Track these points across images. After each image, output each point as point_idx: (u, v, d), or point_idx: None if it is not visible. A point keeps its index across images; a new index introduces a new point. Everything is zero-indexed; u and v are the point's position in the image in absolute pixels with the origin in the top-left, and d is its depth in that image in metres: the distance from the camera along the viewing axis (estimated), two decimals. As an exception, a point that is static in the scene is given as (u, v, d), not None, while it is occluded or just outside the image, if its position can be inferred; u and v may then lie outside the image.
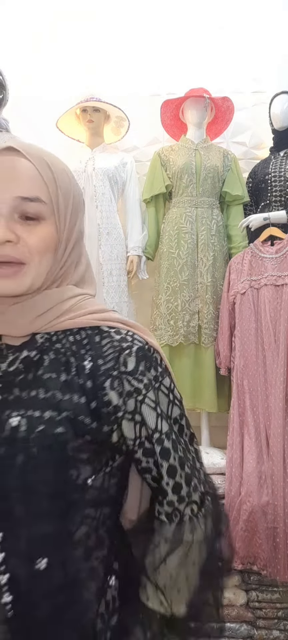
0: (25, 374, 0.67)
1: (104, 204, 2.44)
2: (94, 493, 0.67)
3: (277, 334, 2.16)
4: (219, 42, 2.71)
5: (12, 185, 0.65)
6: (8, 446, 0.63)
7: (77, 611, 0.65)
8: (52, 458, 0.63)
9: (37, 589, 0.63)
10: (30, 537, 0.63)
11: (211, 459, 2.19)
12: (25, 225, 0.66)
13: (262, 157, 2.63)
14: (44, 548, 0.64)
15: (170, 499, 0.68)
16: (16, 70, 2.60)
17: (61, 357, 0.68)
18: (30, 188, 0.65)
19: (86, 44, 2.73)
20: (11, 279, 0.65)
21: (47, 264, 0.68)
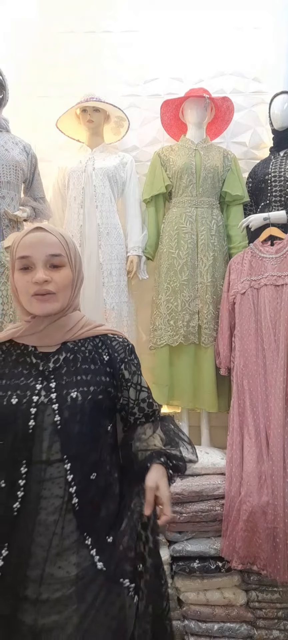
0: (68, 367, 1.10)
1: (103, 204, 2.44)
2: (110, 434, 1.17)
3: (277, 334, 2.16)
4: (219, 42, 2.71)
5: (44, 248, 1.08)
6: (70, 411, 1.05)
7: (111, 498, 1.14)
8: (97, 414, 1.09)
9: (91, 491, 1.07)
10: (86, 462, 1.07)
11: (211, 459, 2.19)
12: (53, 271, 1.09)
13: (262, 157, 2.64)
14: (93, 467, 1.08)
15: (146, 412, 1.24)
16: (16, 70, 2.60)
17: (88, 355, 1.14)
18: (55, 249, 1.09)
19: (87, 42, 2.73)
20: (49, 302, 1.08)
21: (68, 293, 1.12)
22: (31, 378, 1.07)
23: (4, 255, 2.12)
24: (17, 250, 1.09)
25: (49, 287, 1.06)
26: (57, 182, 2.56)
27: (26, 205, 2.41)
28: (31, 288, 1.06)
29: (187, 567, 2.04)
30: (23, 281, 1.07)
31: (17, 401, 1.03)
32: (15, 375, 1.07)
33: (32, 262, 1.07)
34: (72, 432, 1.04)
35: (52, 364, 1.09)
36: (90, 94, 2.52)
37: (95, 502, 1.08)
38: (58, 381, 1.07)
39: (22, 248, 1.08)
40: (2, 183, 2.29)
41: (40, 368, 1.08)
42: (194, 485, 2.06)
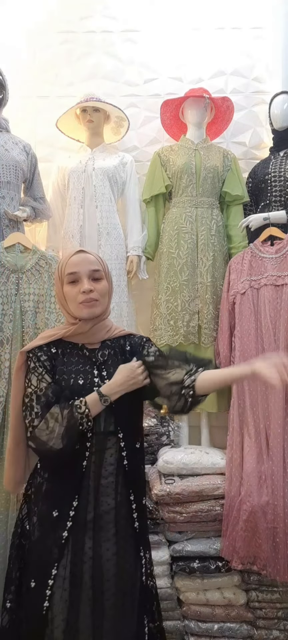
0: (112, 360, 1.41)
1: (103, 204, 2.44)
2: (141, 412, 1.51)
3: (276, 334, 2.16)
4: (219, 42, 2.71)
5: (88, 265, 1.39)
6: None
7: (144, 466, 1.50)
8: (136, 394, 1.39)
9: (136, 456, 1.40)
10: (132, 433, 1.40)
11: (211, 459, 2.18)
12: (95, 283, 1.38)
13: (261, 157, 2.64)
14: (137, 437, 1.42)
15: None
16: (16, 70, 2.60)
17: (121, 350, 1.45)
18: (95, 265, 1.40)
19: (86, 42, 2.73)
20: (94, 307, 1.37)
21: (107, 300, 1.42)
22: (88, 366, 1.37)
23: (4, 255, 2.12)
24: (66, 268, 1.38)
25: (93, 295, 1.35)
26: (57, 182, 2.56)
27: (26, 205, 2.41)
28: (79, 297, 1.35)
29: (187, 567, 2.04)
30: (73, 292, 1.36)
31: (83, 382, 1.34)
32: (75, 363, 1.37)
33: (78, 277, 1.37)
34: (123, 409, 1.35)
35: (100, 357, 1.39)
36: (90, 94, 2.52)
37: (138, 466, 1.41)
38: (108, 370, 1.38)
39: (70, 266, 1.38)
40: (2, 183, 2.29)
41: (92, 360, 1.39)
42: (194, 485, 2.06)
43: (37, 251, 2.18)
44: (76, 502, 1.29)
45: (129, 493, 1.36)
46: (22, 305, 2.09)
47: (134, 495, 1.37)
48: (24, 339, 2.06)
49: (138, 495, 1.39)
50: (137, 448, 1.40)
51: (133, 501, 1.37)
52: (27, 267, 2.12)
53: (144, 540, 1.42)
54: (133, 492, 1.37)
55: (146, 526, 1.47)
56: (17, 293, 2.10)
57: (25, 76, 2.69)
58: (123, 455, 1.34)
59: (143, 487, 1.47)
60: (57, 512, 1.29)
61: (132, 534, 1.36)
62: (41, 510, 1.33)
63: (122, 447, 1.34)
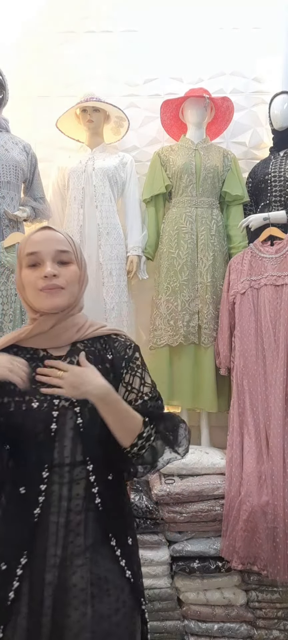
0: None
1: (103, 204, 2.44)
2: None
3: (276, 334, 2.16)
4: (219, 42, 2.71)
5: (53, 244, 1.08)
6: (91, 413, 1.04)
7: (125, 498, 1.17)
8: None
9: (110, 490, 1.09)
10: (105, 463, 1.08)
11: (211, 459, 2.18)
12: (61, 267, 1.08)
13: (261, 157, 2.63)
14: (110, 468, 1.09)
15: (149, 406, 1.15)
16: (16, 70, 2.60)
17: (98, 355, 1.12)
18: (62, 245, 1.09)
19: (86, 42, 2.72)
20: (57, 297, 1.05)
21: (75, 289, 1.10)
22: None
23: (4, 255, 2.12)
24: (25, 247, 1.09)
25: (57, 281, 1.05)
26: (56, 182, 2.56)
27: (26, 205, 2.41)
28: (40, 283, 1.04)
29: (187, 567, 2.04)
30: (32, 277, 1.06)
31: (38, 405, 1.03)
32: (31, 381, 1.04)
33: (40, 258, 1.06)
34: (94, 434, 1.05)
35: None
36: (90, 94, 2.52)
37: (115, 502, 1.10)
38: None
39: (30, 245, 1.08)
40: (2, 183, 2.29)
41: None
42: (194, 485, 2.06)
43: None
44: (25, 558, 1.00)
45: (108, 538, 1.06)
46: (22, 305, 2.09)
47: (115, 540, 1.06)
48: (24, 339, 2.05)
49: (121, 537, 1.09)
50: (110, 481, 1.09)
51: (116, 547, 1.06)
52: (27, 267, 2.12)
53: (140, 589, 1.12)
54: (114, 536, 1.06)
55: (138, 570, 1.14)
56: (17, 293, 2.10)
57: (25, 76, 2.68)
58: (94, 492, 1.05)
59: (129, 522, 1.15)
60: (4, 564, 1.01)
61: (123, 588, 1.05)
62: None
63: (91, 482, 1.05)
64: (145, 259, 2.55)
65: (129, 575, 1.06)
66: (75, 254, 1.12)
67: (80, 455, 1.04)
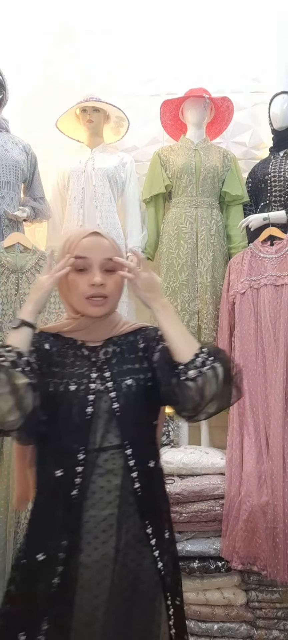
0: (117, 358, 1.14)
1: (103, 204, 2.44)
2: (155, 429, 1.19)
3: (276, 334, 2.16)
4: (219, 42, 2.71)
5: (101, 252, 1.11)
6: (126, 398, 1.08)
7: (164, 491, 1.18)
8: (149, 402, 1.12)
9: (151, 478, 1.10)
10: (144, 449, 1.10)
11: (211, 459, 2.18)
12: (107, 275, 1.11)
13: (261, 157, 2.63)
14: (151, 455, 1.12)
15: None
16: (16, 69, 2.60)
17: (131, 347, 1.17)
18: (110, 253, 1.12)
19: (86, 42, 2.73)
20: (102, 307, 1.11)
21: (117, 297, 1.17)
22: (85, 368, 1.10)
23: (4, 255, 2.12)
24: (75, 250, 1.11)
25: (103, 290, 1.09)
26: (56, 183, 2.56)
27: (26, 205, 2.41)
28: (87, 290, 1.09)
29: (187, 567, 2.04)
30: (79, 282, 1.09)
31: (76, 388, 1.06)
32: (69, 364, 1.10)
33: (89, 264, 1.10)
34: (131, 418, 1.07)
35: (102, 355, 1.13)
36: (89, 94, 2.52)
37: (154, 490, 1.11)
38: (111, 370, 1.11)
39: (80, 249, 1.11)
40: (1, 183, 2.29)
41: (92, 359, 1.11)
42: (194, 485, 2.06)
43: (37, 251, 2.18)
44: (65, 542, 1.00)
45: (145, 526, 1.05)
46: (21, 305, 2.09)
47: (151, 528, 1.06)
48: (24, 339, 2.05)
49: (158, 527, 1.08)
50: (151, 468, 1.10)
51: (151, 536, 1.06)
52: (26, 267, 2.12)
53: (172, 585, 1.10)
54: (150, 524, 1.06)
55: (175, 566, 1.14)
56: (16, 293, 2.10)
57: (25, 76, 2.68)
58: (133, 477, 1.05)
59: (166, 517, 1.15)
60: (43, 554, 1.01)
61: (153, 576, 1.05)
62: (27, 549, 1.07)
63: (131, 467, 1.05)
64: (145, 259, 2.55)
65: (161, 567, 1.06)
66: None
67: (118, 439, 1.05)
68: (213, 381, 0.99)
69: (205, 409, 1.02)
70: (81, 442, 1.03)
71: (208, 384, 0.99)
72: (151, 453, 1.12)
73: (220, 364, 1.01)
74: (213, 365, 1.00)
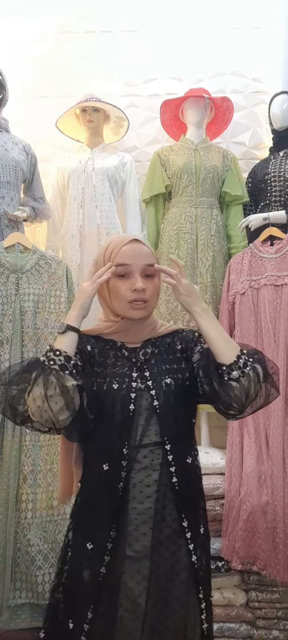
0: (156, 359, 1.19)
1: (103, 204, 2.44)
2: (193, 428, 1.24)
3: (276, 334, 2.16)
4: (219, 42, 2.71)
5: (142, 259, 1.18)
6: (166, 396, 1.13)
7: (201, 487, 1.23)
8: (188, 400, 1.17)
9: (189, 473, 1.15)
10: (182, 445, 1.15)
11: (211, 459, 2.18)
12: (147, 280, 1.18)
13: (261, 157, 2.64)
14: (188, 451, 1.17)
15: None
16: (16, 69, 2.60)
17: (168, 348, 1.22)
18: (149, 259, 1.19)
19: (86, 43, 2.72)
20: (143, 310, 1.17)
21: (156, 301, 1.22)
22: (126, 368, 1.16)
23: (4, 255, 2.12)
24: (116, 257, 1.17)
25: (144, 295, 1.15)
26: (56, 183, 2.57)
27: (26, 205, 2.41)
28: (129, 295, 1.15)
29: (187, 567, 2.04)
30: (121, 288, 1.16)
31: (118, 386, 1.12)
32: (110, 365, 1.16)
33: (130, 271, 1.16)
34: (170, 415, 1.13)
35: (141, 356, 1.18)
36: (89, 94, 2.52)
37: (191, 486, 1.16)
38: (151, 370, 1.16)
39: (121, 257, 1.17)
40: (1, 183, 2.29)
41: (132, 360, 1.17)
42: (194, 485, 2.06)
43: (37, 251, 2.18)
44: (114, 532, 1.07)
45: (181, 519, 1.10)
46: (21, 305, 2.09)
47: (187, 522, 1.11)
48: (24, 339, 2.05)
49: (193, 521, 1.13)
50: (188, 464, 1.15)
51: (187, 529, 1.10)
52: (26, 267, 2.12)
53: (204, 579, 1.14)
54: (186, 518, 1.11)
55: (207, 562, 1.18)
56: (16, 293, 2.09)
57: (25, 76, 2.68)
58: (171, 472, 1.10)
59: (201, 513, 1.19)
60: (91, 544, 1.09)
61: (187, 568, 1.10)
62: (75, 540, 1.15)
63: (169, 462, 1.10)
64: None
65: (195, 560, 1.10)
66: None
67: (158, 435, 1.11)
68: (256, 380, 1.09)
69: (248, 408, 1.11)
70: (125, 438, 1.10)
71: (251, 384, 1.08)
72: (189, 449, 1.17)
73: (259, 365, 1.11)
74: (254, 366, 1.10)
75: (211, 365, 1.12)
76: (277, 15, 2.69)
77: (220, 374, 1.10)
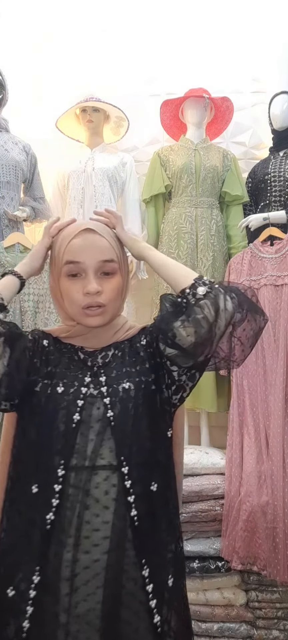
0: (117, 362, 0.99)
1: (103, 204, 2.43)
2: (169, 443, 1.01)
3: (276, 334, 2.16)
4: (219, 42, 2.71)
5: (96, 254, 0.97)
6: (123, 404, 0.92)
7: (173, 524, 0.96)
8: (153, 410, 0.95)
9: (152, 504, 0.90)
10: (145, 467, 0.90)
11: (211, 459, 2.18)
12: (104, 279, 0.97)
13: (261, 157, 2.63)
14: (153, 475, 0.92)
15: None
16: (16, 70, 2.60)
17: (131, 348, 1.02)
18: (107, 254, 0.98)
19: (86, 43, 2.73)
20: (100, 317, 0.97)
21: (118, 304, 1.02)
22: (78, 371, 0.97)
23: (4, 255, 2.12)
24: (64, 254, 0.97)
25: (100, 298, 0.95)
26: (56, 183, 2.57)
27: (26, 205, 2.41)
28: (81, 299, 0.95)
29: (187, 567, 2.04)
30: (72, 290, 0.96)
31: (63, 390, 0.92)
32: (62, 365, 0.97)
33: (82, 269, 0.96)
34: (129, 429, 0.90)
35: (100, 359, 1.00)
36: (89, 94, 2.52)
37: (157, 520, 0.90)
38: (108, 374, 0.96)
39: (71, 252, 0.97)
40: (1, 183, 2.29)
41: (88, 363, 0.99)
42: (194, 485, 2.06)
43: (37, 251, 2.18)
44: (38, 576, 0.82)
45: (141, 565, 0.84)
46: (21, 305, 2.09)
47: (149, 570, 0.84)
48: (24, 339, 2.05)
49: (157, 569, 0.86)
50: (153, 492, 0.90)
51: (148, 580, 0.84)
52: (26, 267, 2.12)
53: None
54: (147, 564, 0.84)
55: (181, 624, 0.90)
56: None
57: (25, 76, 2.68)
58: (129, 502, 0.86)
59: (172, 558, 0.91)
60: (12, 589, 0.84)
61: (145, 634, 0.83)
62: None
63: (127, 489, 0.86)
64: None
65: (157, 622, 0.83)
66: (120, 262, 1.01)
67: (112, 454, 0.88)
68: (228, 297, 0.89)
69: (224, 328, 0.89)
70: (63, 455, 0.87)
71: (220, 295, 0.89)
72: (155, 472, 0.92)
73: (225, 286, 0.92)
74: (221, 285, 0.92)
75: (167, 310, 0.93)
76: (277, 15, 2.69)
77: (183, 303, 0.91)
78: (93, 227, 0.99)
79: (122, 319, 1.07)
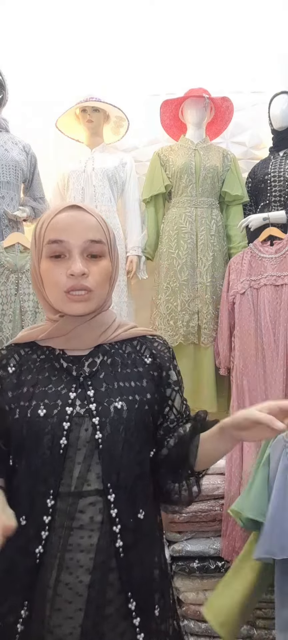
0: (107, 372, 0.88)
1: (103, 204, 2.44)
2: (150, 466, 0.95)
3: (276, 334, 2.16)
4: (219, 42, 2.71)
5: (83, 232, 0.86)
6: (114, 426, 0.84)
7: (160, 552, 0.93)
8: (144, 432, 0.88)
9: (140, 534, 0.85)
10: (133, 495, 0.85)
11: (211, 459, 2.18)
12: (91, 262, 0.87)
13: (261, 157, 2.63)
14: (141, 503, 0.86)
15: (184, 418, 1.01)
16: (16, 70, 2.60)
17: (128, 358, 0.92)
18: (95, 233, 0.87)
19: (86, 43, 2.72)
20: (84, 303, 0.86)
21: (105, 291, 0.90)
22: (62, 385, 0.86)
23: (4, 255, 2.12)
24: (46, 232, 0.86)
25: (86, 282, 0.85)
26: (56, 184, 2.57)
27: (26, 205, 2.41)
28: (64, 282, 0.84)
29: (187, 567, 2.04)
30: (54, 272, 0.85)
31: (46, 413, 0.82)
32: (41, 382, 0.86)
33: (66, 249, 0.85)
34: (118, 454, 0.83)
35: (87, 368, 0.88)
36: (89, 94, 2.52)
37: (143, 550, 0.85)
38: (97, 388, 0.86)
39: (54, 230, 0.85)
40: (1, 183, 2.29)
41: (73, 373, 0.87)
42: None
43: (37, 251, 2.18)
44: (26, 611, 0.80)
45: (126, 598, 0.81)
46: (21, 305, 2.09)
47: (136, 603, 0.81)
48: (24, 339, 2.05)
49: (144, 602, 0.84)
50: (140, 521, 0.86)
51: (135, 613, 0.81)
52: (26, 267, 2.12)
53: None
54: (134, 597, 0.82)
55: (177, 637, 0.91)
56: (16, 293, 2.10)
57: (25, 76, 2.68)
58: (115, 532, 0.81)
59: (156, 588, 0.88)
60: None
61: None
62: None
63: (113, 519, 0.82)
64: (145, 259, 2.55)
65: None
66: (109, 244, 0.91)
67: (99, 480, 0.82)
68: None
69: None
70: (51, 484, 0.81)
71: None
72: (142, 500, 0.87)
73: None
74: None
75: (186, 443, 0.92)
76: (277, 15, 2.69)
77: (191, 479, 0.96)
78: (81, 204, 0.89)
79: (110, 315, 0.95)
